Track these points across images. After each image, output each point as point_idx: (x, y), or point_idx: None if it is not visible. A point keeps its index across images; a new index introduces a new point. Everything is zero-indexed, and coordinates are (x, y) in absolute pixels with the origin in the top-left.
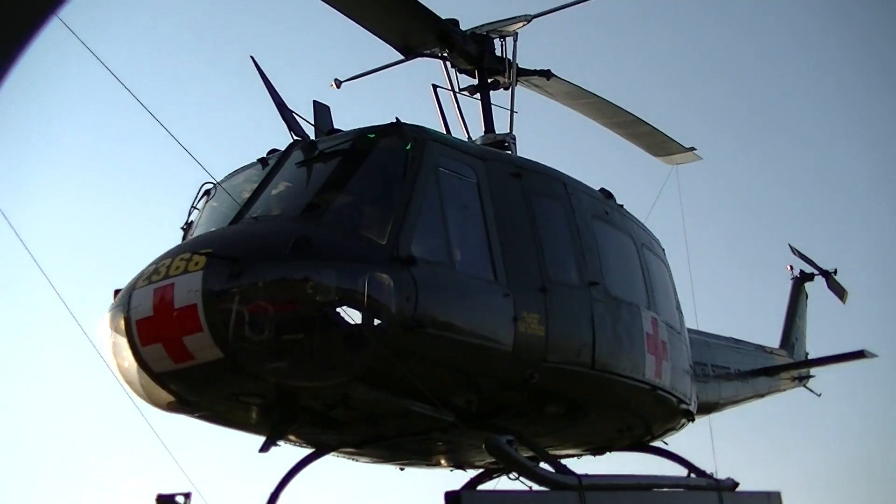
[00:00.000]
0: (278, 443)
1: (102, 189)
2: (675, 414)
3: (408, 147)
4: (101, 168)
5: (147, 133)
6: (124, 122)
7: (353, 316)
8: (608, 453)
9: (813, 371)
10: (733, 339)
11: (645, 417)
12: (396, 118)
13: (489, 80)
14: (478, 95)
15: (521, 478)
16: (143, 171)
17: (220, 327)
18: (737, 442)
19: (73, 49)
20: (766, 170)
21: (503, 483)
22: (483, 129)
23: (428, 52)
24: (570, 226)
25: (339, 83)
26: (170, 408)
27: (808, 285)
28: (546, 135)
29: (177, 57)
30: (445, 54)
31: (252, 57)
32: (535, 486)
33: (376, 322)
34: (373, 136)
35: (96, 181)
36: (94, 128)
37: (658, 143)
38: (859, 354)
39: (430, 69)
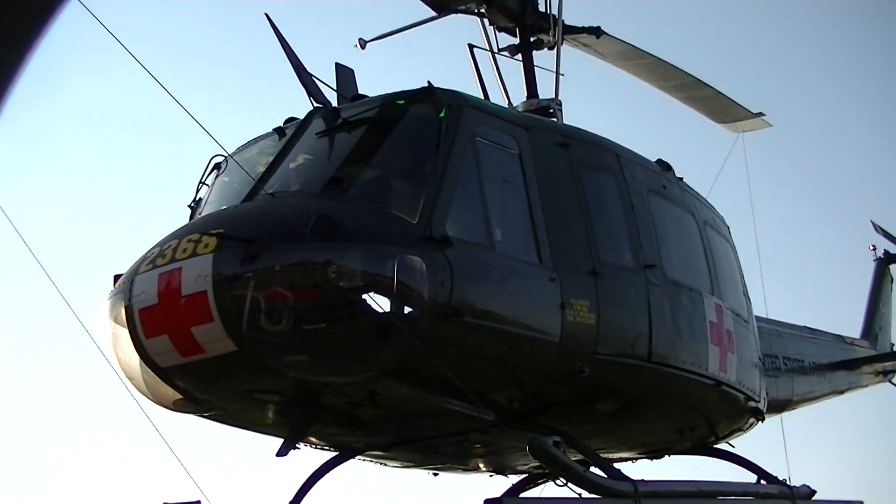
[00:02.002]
0: (298, 445)
1: (100, 164)
2: (742, 412)
3: (441, 114)
4: (100, 141)
5: (150, 100)
6: (125, 89)
7: (381, 303)
8: (667, 457)
9: None
10: (808, 328)
11: (708, 416)
12: (428, 82)
13: (532, 39)
14: (519, 56)
15: (569, 484)
16: (145, 144)
17: (232, 316)
18: (813, 444)
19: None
20: (845, 137)
21: (549, 490)
22: (525, 93)
23: (463, 7)
24: (624, 202)
25: (363, 43)
26: (177, 406)
27: (893, 267)
28: (596, 100)
29: (182, 15)
30: (483, 10)
31: (267, 14)
32: (586, 494)
33: (407, 310)
34: (402, 102)
35: (93, 156)
36: (93, 96)
37: (722, 109)
38: None
39: (466, 27)
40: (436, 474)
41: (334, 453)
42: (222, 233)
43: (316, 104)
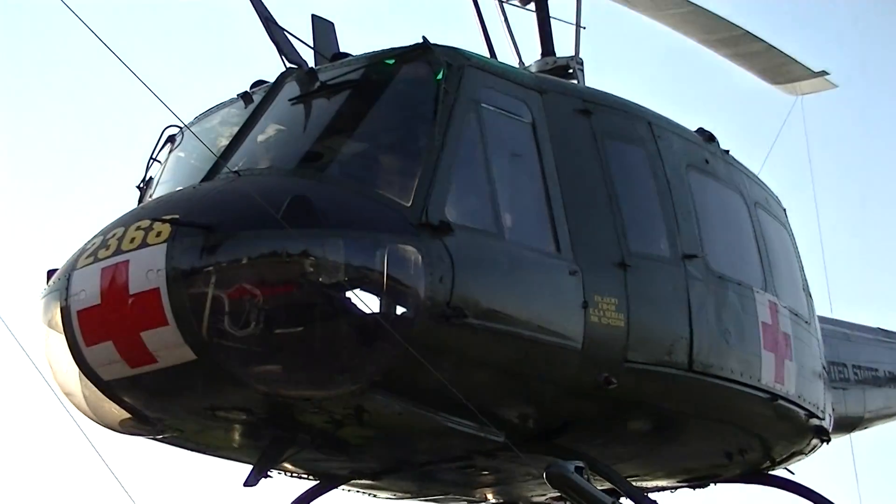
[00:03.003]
0: (270, 473)
1: (26, 138)
2: (802, 432)
3: (439, 76)
4: (28, 111)
5: (89, 59)
6: (59, 46)
7: (368, 302)
8: (713, 485)
9: None
10: (882, 329)
11: (762, 437)
12: (423, 38)
13: None
14: (532, 6)
15: None
16: (83, 112)
17: (190, 319)
18: (889, 470)
19: None
20: None
21: None
22: (539, 51)
23: None
24: (659, 179)
25: None
26: (124, 427)
27: None
28: (623, 58)
29: None
30: None
31: None
32: None
33: (399, 310)
34: (392, 61)
35: (21, 129)
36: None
37: (776, 67)
38: None
39: None
40: None
41: (314, 482)
42: (177, 218)
43: (289, 64)
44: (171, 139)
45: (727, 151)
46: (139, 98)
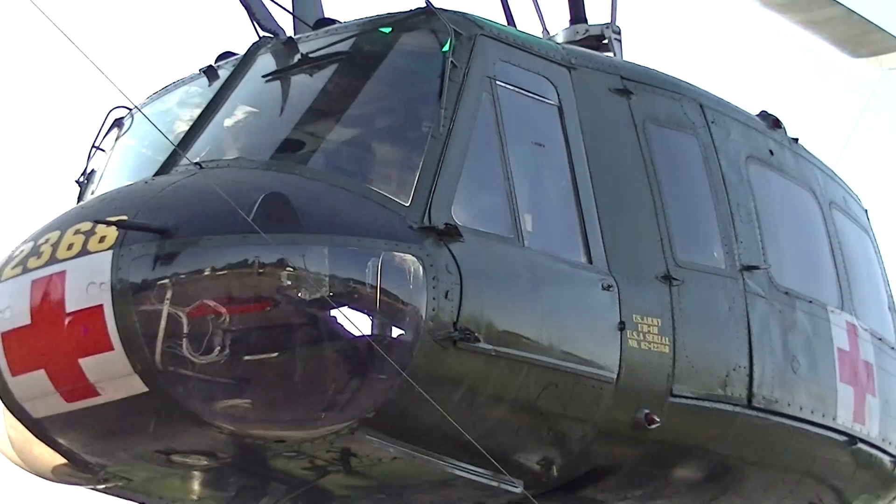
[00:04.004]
0: None
1: None
2: (888, 482)
3: (446, 47)
4: None
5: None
6: None
7: (357, 323)
8: None
9: None
10: None
11: (838, 488)
12: (427, 1)
13: None
14: None
15: None
16: (19, 91)
17: (140, 343)
18: None
19: None
20: None
21: None
22: (568, 17)
23: None
24: (712, 173)
25: None
26: (58, 475)
27: None
28: (671, 26)
29: None
30: None
31: None
32: None
33: (396, 332)
34: (389, 29)
35: None
36: None
37: (858, 36)
38: None
39: None
40: None
41: None
42: (125, 220)
43: (262, 33)
44: (117, 123)
45: (796, 140)
46: (77, 71)
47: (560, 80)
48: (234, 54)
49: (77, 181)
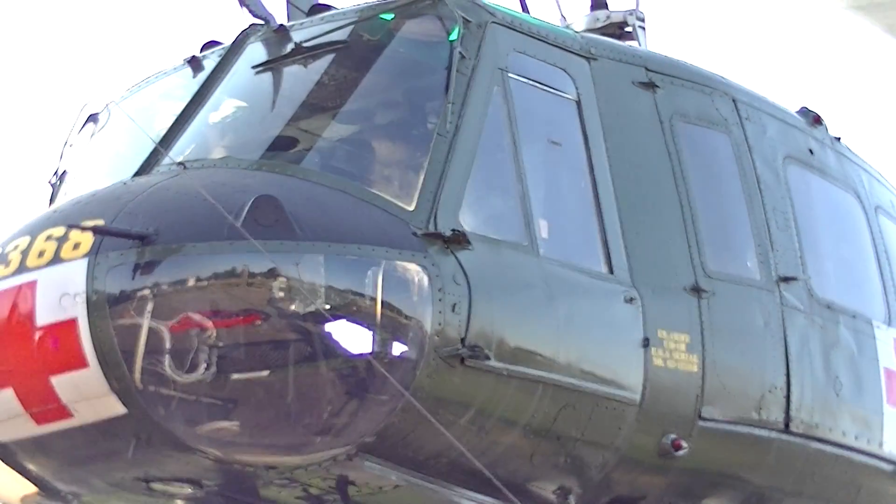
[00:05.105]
0: None
1: None
2: None
3: (453, 36)
4: None
5: None
6: None
7: (356, 339)
8: None
9: None
10: None
11: None
12: None
13: None
14: None
15: None
16: None
17: (118, 360)
18: None
19: None
20: None
21: None
22: (589, 2)
23: None
24: (746, 175)
25: None
26: None
27: None
28: (703, 12)
29: None
30: None
31: None
32: None
33: (398, 349)
34: (390, 16)
35: None
36: None
37: None
38: None
39: None
40: None
41: None
42: (102, 225)
43: (252, 20)
44: (93, 118)
45: (839, 139)
46: (48, 60)
47: (579, 73)
48: (220, 43)
49: (49, 182)
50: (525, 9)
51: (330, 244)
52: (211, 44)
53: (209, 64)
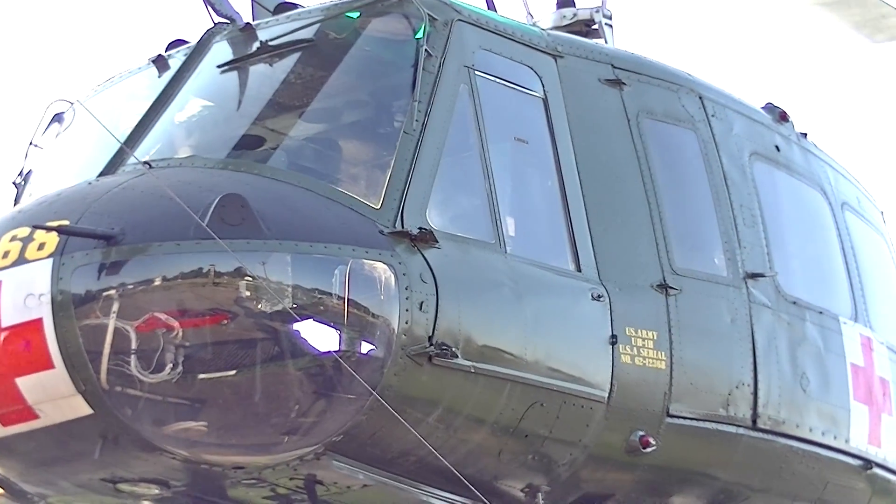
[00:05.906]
0: None
1: None
2: None
3: (419, 33)
4: None
5: None
6: None
7: (323, 338)
8: None
9: None
10: None
11: None
12: None
13: None
14: None
15: None
16: None
17: (84, 360)
18: None
19: None
20: None
21: None
22: (555, 0)
23: None
24: (712, 172)
25: None
26: None
27: None
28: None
29: None
30: None
31: None
32: None
33: (365, 348)
34: (356, 14)
35: None
36: None
37: (876, 19)
38: None
39: None
40: None
41: None
42: (67, 226)
43: (217, 18)
44: (57, 118)
45: (805, 135)
46: (15, 61)
47: (545, 70)
48: (186, 42)
49: (13, 182)
50: (492, 6)
51: (297, 243)
52: (176, 43)
53: (175, 63)
